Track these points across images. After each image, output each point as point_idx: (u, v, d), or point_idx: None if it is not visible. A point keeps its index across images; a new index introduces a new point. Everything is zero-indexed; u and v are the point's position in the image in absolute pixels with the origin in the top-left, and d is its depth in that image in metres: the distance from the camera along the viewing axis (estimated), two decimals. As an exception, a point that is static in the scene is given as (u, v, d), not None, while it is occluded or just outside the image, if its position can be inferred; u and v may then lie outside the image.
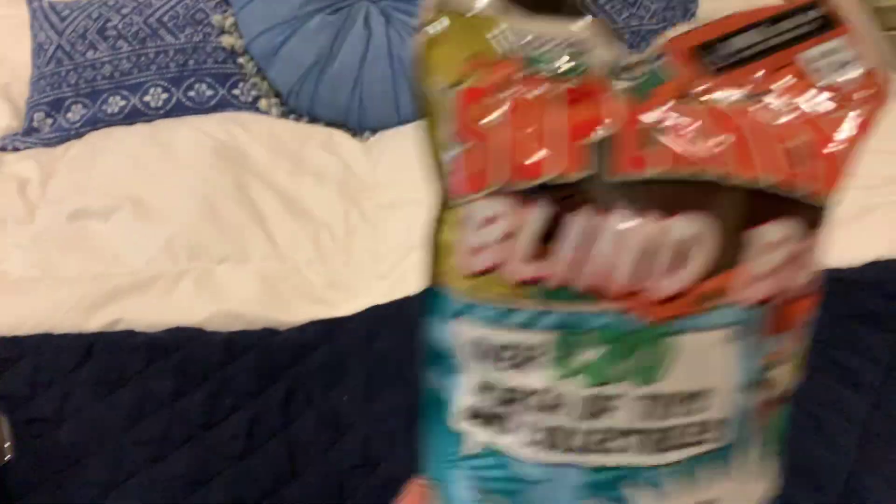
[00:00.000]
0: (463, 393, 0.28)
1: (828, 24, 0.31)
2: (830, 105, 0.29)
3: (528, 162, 0.26)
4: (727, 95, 0.29)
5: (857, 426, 0.57)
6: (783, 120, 0.28)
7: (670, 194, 0.25)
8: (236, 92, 1.08)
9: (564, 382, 0.25)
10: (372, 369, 0.64)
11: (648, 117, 0.27)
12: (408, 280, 0.76)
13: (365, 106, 1.07)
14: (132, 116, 1.06)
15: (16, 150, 1.02)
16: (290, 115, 1.09)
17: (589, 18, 0.31)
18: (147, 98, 1.06)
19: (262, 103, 1.08)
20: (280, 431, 0.59)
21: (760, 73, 0.30)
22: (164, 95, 1.06)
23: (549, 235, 0.25)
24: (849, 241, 0.78)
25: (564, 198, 0.26)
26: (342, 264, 0.80)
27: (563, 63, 0.29)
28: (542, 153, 0.26)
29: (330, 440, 0.58)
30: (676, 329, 0.25)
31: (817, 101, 0.29)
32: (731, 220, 0.25)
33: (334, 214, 0.86)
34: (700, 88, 0.30)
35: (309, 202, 0.88)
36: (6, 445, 0.54)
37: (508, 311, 0.26)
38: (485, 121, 0.27)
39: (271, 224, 0.84)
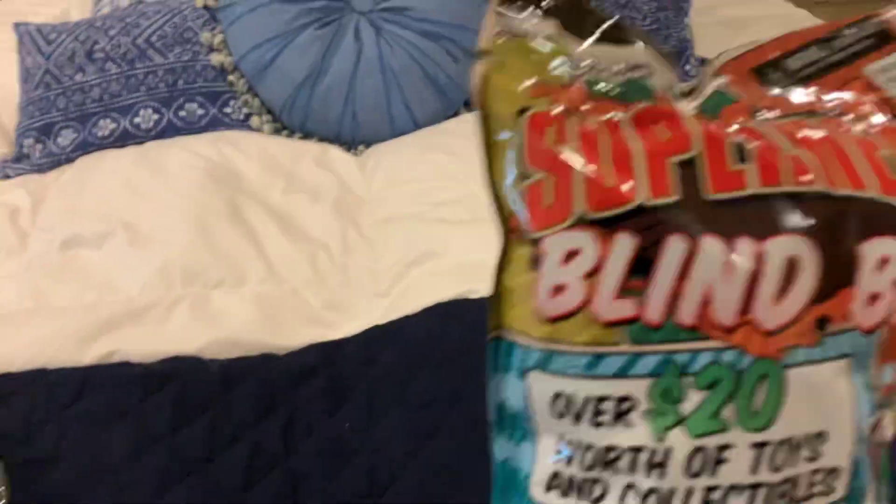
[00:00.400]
0: (543, 460, 0.26)
1: (888, 37, 0.29)
2: None
3: (612, 188, 0.23)
4: (798, 113, 0.27)
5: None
6: (866, 132, 0.26)
7: (770, 212, 0.22)
8: (228, 110, 1.07)
9: (667, 435, 0.22)
10: (373, 393, 0.63)
11: (733, 135, 0.25)
12: (407, 298, 0.75)
13: (358, 119, 1.06)
14: (123, 139, 1.05)
15: (6, 177, 1.01)
16: (282, 131, 1.08)
17: (643, 44, 0.29)
18: (137, 119, 1.05)
19: (255, 121, 1.07)
20: (281, 462, 0.58)
21: (826, 89, 0.28)
22: (155, 116, 1.05)
23: (640, 268, 0.23)
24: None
25: (654, 225, 0.23)
26: (340, 284, 0.79)
27: (629, 86, 0.27)
28: (626, 178, 0.24)
29: (333, 469, 0.57)
30: (789, 363, 0.22)
31: None
32: (839, 235, 0.22)
33: (330, 233, 0.85)
34: (769, 107, 0.28)
35: (304, 221, 0.87)
36: (1, 490, 0.52)
37: (598, 357, 0.23)
38: (559, 147, 0.25)
39: (267, 245, 0.82)
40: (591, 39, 0.27)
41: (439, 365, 0.64)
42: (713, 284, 0.22)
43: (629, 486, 0.23)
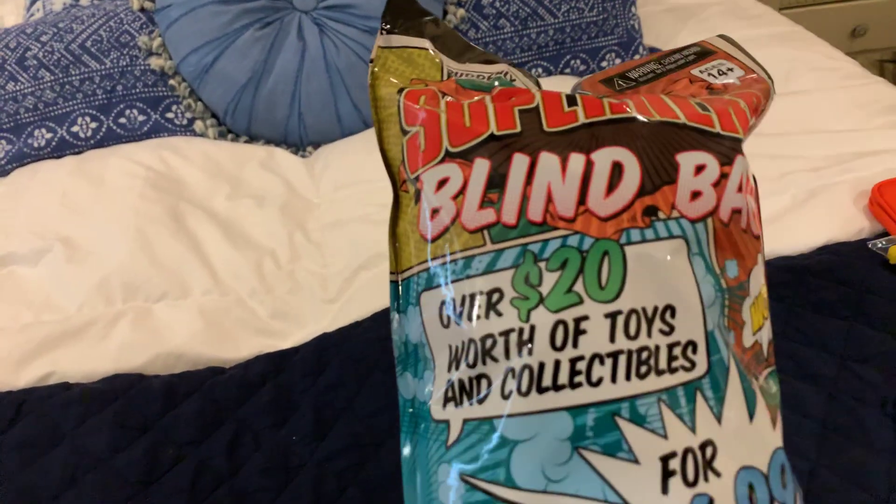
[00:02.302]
0: (440, 376, 0.30)
1: (706, 53, 0.37)
2: (726, 88, 0.34)
3: (468, 127, 0.29)
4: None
5: (816, 422, 0.56)
6: (690, 97, 0.33)
7: (596, 134, 0.28)
8: (170, 115, 1.04)
9: (532, 314, 0.26)
10: (321, 404, 0.62)
11: (565, 93, 0.32)
12: (356, 303, 0.74)
13: (305, 120, 1.03)
14: (61, 149, 1.01)
15: (-62, 193, 0.96)
16: (227, 135, 1.06)
17: (504, 64, 0.36)
18: (75, 129, 1.01)
19: (198, 125, 1.04)
20: (226, 480, 0.56)
21: (660, 86, 0.35)
22: (94, 124, 1.02)
23: (495, 184, 0.28)
24: (798, 227, 0.77)
25: (502, 149, 0.29)
26: (288, 292, 0.77)
27: (493, 81, 0.34)
28: (480, 120, 0.30)
29: (279, 485, 0.55)
30: (625, 241, 0.26)
31: (714, 89, 0.34)
32: (655, 146, 0.28)
33: (277, 238, 0.83)
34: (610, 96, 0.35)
35: (250, 227, 0.85)
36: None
37: (468, 259, 0.28)
38: (427, 107, 0.31)
39: (211, 254, 0.80)
40: (463, 61, 0.35)
41: (387, 372, 0.63)
42: (553, 186, 0.27)
43: (507, 373, 0.26)
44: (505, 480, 0.25)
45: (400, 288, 0.31)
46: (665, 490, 0.24)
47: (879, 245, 0.72)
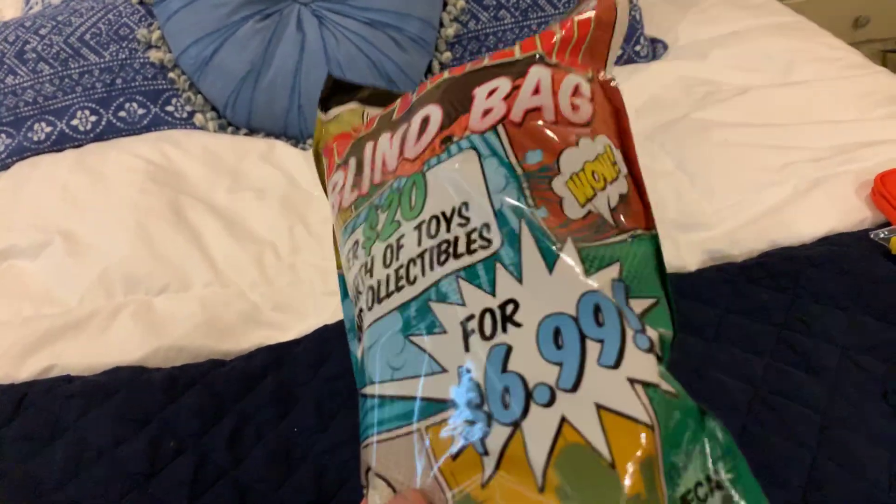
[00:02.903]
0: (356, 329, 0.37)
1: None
2: (566, 19, 0.38)
3: (344, 142, 0.40)
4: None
5: (817, 413, 0.56)
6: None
7: (419, 104, 0.36)
8: (170, 108, 1.04)
9: (373, 248, 0.34)
10: (322, 395, 0.62)
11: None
12: (357, 295, 0.74)
13: (305, 113, 1.03)
14: (60, 142, 1.01)
15: (-62, 187, 0.96)
16: (227, 128, 1.05)
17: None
18: (75, 122, 1.01)
19: (198, 118, 1.04)
20: (228, 472, 0.56)
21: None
22: (93, 118, 1.02)
23: (358, 171, 0.37)
24: (800, 218, 0.77)
25: (363, 145, 0.38)
26: (288, 284, 0.77)
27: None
28: (358, 133, 0.40)
29: (281, 477, 0.55)
30: (426, 169, 0.33)
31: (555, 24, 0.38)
32: (457, 91, 0.35)
33: (277, 231, 0.83)
34: None
35: (250, 220, 0.85)
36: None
37: (345, 228, 0.37)
38: (337, 142, 0.41)
39: (211, 247, 0.80)
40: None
41: (388, 363, 0.63)
42: (385, 154, 0.35)
43: (364, 298, 0.33)
44: (367, 380, 0.31)
45: (342, 277, 0.39)
46: (467, 348, 0.29)
47: (882, 235, 0.72)
